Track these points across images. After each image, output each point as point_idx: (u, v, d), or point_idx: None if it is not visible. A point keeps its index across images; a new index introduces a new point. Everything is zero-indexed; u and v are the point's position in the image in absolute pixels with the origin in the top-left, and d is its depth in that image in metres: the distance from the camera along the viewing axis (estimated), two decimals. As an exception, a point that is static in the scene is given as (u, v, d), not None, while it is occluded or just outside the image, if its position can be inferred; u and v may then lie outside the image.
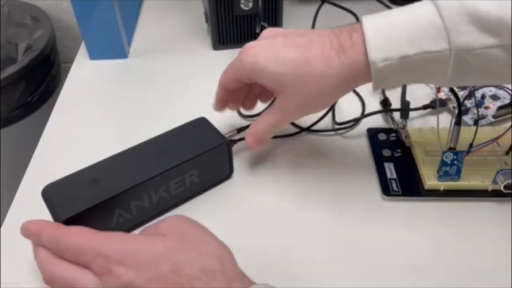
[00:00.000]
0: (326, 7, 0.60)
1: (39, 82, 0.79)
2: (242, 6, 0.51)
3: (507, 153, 0.38)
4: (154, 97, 0.48)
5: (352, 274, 0.32)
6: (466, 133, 0.38)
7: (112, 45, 0.52)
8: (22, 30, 0.86)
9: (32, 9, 0.87)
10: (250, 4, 0.51)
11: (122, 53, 0.53)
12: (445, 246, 0.34)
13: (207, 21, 0.54)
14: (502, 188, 0.35)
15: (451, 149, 0.36)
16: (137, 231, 0.35)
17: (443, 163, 0.36)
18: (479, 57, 0.29)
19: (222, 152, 0.37)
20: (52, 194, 0.32)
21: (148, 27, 0.60)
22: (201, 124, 0.38)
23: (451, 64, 0.30)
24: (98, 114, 0.47)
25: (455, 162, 0.36)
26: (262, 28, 0.52)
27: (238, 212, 0.37)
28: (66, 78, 0.51)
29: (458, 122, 0.35)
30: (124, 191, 0.32)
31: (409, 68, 0.31)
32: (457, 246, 0.34)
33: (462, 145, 0.37)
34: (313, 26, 0.55)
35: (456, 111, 0.36)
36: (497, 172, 0.35)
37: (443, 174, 0.36)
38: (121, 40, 0.52)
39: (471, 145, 0.37)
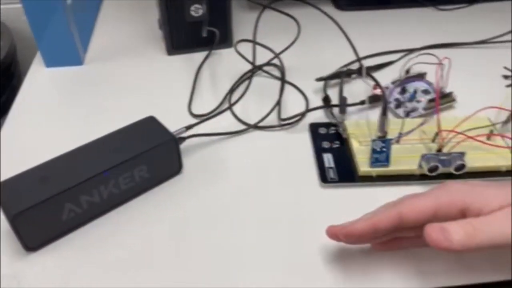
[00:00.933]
0: (270, 13, 0.63)
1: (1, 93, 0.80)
2: (193, 13, 0.54)
3: (433, 140, 0.41)
4: (108, 102, 0.50)
5: (294, 256, 0.35)
6: (398, 124, 0.42)
7: (67, 52, 0.54)
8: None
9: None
10: (200, 11, 0.53)
11: (77, 60, 0.54)
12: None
13: (160, 28, 0.56)
14: (426, 172, 0.39)
15: (380, 138, 0.39)
16: (89, 226, 0.37)
17: (373, 151, 0.39)
18: None
19: (170, 148, 0.39)
20: (3, 191, 0.34)
21: (105, 34, 0.62)
22: (150, 122, 0.40)
23: None
24: (52, 119, 0.48)
25: (384, 149, 0.39)
26: (209, 32, 0.54)
27: (188, 206, 0.39)
28: (21, 85, 0.53)
29: (384, 113, 0.39)
30: (73, 186, 0.34)
31: None
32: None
33: (394, 135, 0.41)
34: (255, 31, 0.58)
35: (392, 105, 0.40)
36: (421, 157, 0.39)
37: (374, 161, 0.40)
38: (76, 47, 0.54)
39: (400, 134, 0.41)
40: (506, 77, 0.51)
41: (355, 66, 0.52)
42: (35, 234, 0.34)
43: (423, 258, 0.34)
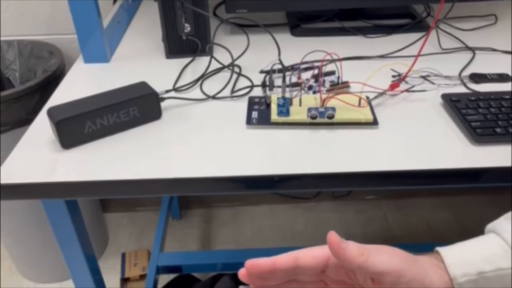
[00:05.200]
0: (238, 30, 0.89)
1: (51, 94, 1.07)
2: (183, 30, 0.80)
3: (322, 104, 0.64)
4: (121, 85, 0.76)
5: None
6: (309, 98, 0.65)
7: (99, 54, 0.80)
8: (41, 61, 1.16)
9: (49, 46, 1.17)
10: (189, 28, 0.79)
11: (105, 59, 0.81)
12: (279, 154, 0.59)
13: (162, 41, 0.82)
14: (310, 119, 0.61)
15: (283, 97, 0.62)
16: (101, 140, 0.60)
17: (278, 105, 0.62)
18: None
19: (153, 99, 0.64)
20: (53, 110, 0.58)
21: (127, 44, 0.90)
22: (142, 84, 0.65)
23: None
24: (85, 91, 0.73)
25: (285, 105, 0.62)
26: (194, 44, 0.79)
27: (163, 135, 0.63)
28: (69, 72, 0.79)
29: (284, 80, 0.62)
30: (91, 111, 0.59)
31: (486, 283, 0.37)
32: (286, 151, 0.59)
33: (305, 105, 0.63)
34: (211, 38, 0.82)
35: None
36: (308, 110, 0.61)
37: (279, 112, 0.62)
38: (105, 51, 0.81)
39: (300, 100, 0.64)
40: (393, 76, 0.73)
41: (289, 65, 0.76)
42: (68, 137, 0.59)
43: None
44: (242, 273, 0.39)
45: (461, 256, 0.38)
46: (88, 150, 0.60)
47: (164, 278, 1.22)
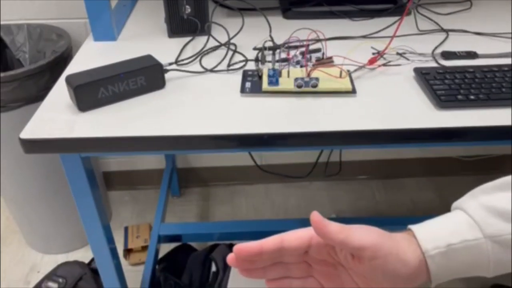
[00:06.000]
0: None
1: (59, 73, 1.15)
2: (184, 11, 0.88)
3: (308, 75, 0.72)
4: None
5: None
6: (296, 71, 0.73)
7: (107, 33, 0.88)
8: (49, 43, 1.24)
9: (57, 29, 1.24)
10: (189, 10, 0.87)
11: (113, 37, 0.89)
12: (268, 117, 0.67)
13: (165, 21, 0.90)
14: (296, 88, 0.69)
15: (273, 69, 0.70)
16: (113, 105, 0.69)
17: (268, 76, 0.70)
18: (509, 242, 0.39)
19: (157, 70, 0.72)
20: (70, 78, 0.66)
21: (132, 24, 0.98)
22: (148, 57, 0.73)
23: (490, 251, 0.40)
24: (95, 63, 0.82)
25: (275, 75, 0.70)
26: (194, 24, 0.87)
27: (165, 100, 0.71)
28: (80, 48, 0.87)
29: (274, 54, 0.70)
30: (104, 78, 0.67)
31: (455, 255, 0.41)
32: (275, 115, 0.67)
33: (292, 77, 0.71)
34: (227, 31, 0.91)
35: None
36: (294, 80, 0.69)
37: (269, 82, 0.71)
38: (113, 30, 0.88)
39: (288, 71, 0.72)
40: (373, 53, 0.81)
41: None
42: (84, 101, 0.67)
43: None
44: (230, 258, 0.42)
45: (431, 231, 0.42)
46: (101, 113, 0.68)
47: (165, 248, 1.31)
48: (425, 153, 1.63)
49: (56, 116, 0.67)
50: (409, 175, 1.68)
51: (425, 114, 0.66)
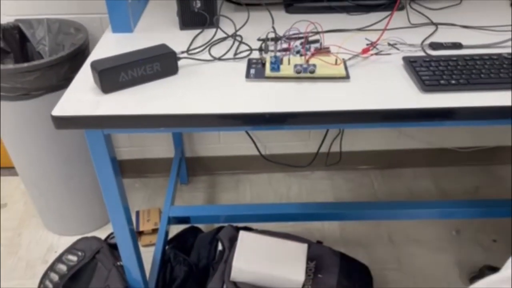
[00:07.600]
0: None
1: (79, 64, 1.24)
2: (195, 5, 0.96)
3: (306, 62, 0.80)
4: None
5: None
6: (296, 59, 0.81)
7: (124, 25, 0.97)
8: (68, 36, 1.33)
9: (75, 24, 1.33)
10: (199, 4, 0.96)
11: (129, 29, 0.97)
12: (270, 99, 0.75)
13: (177, 15, 0.99)
14: (295, 73, 0.77)
15: (275, 56, 0.78)
16: (132, 88, 0.77)
17: (271, 63, 0.78)
18: None
19: (171, 57, 0.80)
20: (95, 63, 0.75)
21: (147, 17, 1.06)
22: (163, 45, 0.81)
23: None
24: (114, 52, 0.90)
25: (276, 62, 0.78)
26: (203, 17, 0.96)
27: (178, 84, 0.79)
28: (100, 40, 0.96)
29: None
30: (124, 64, 0.75)
31: None
32: (276, 97, 0.75)
33: (292, 64, 0.79)
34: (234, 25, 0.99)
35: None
36: (294, 66, 0.77)
37: (271, 68, 0.79)
38: (130, 23, 0.97)
39: (289, 59, 0.80)
40: (367, 44, 0.89)
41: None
42: (107, 84, 0.75)
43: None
44: None
45: None
46: (122, 95, 0.76)
47: (174, 230, 1.39)
48: (422, 144, 1.70)
49: (82, 96, 0.75)
50: (406, 165, 1.75)
51: (411, 97, 0.74)
